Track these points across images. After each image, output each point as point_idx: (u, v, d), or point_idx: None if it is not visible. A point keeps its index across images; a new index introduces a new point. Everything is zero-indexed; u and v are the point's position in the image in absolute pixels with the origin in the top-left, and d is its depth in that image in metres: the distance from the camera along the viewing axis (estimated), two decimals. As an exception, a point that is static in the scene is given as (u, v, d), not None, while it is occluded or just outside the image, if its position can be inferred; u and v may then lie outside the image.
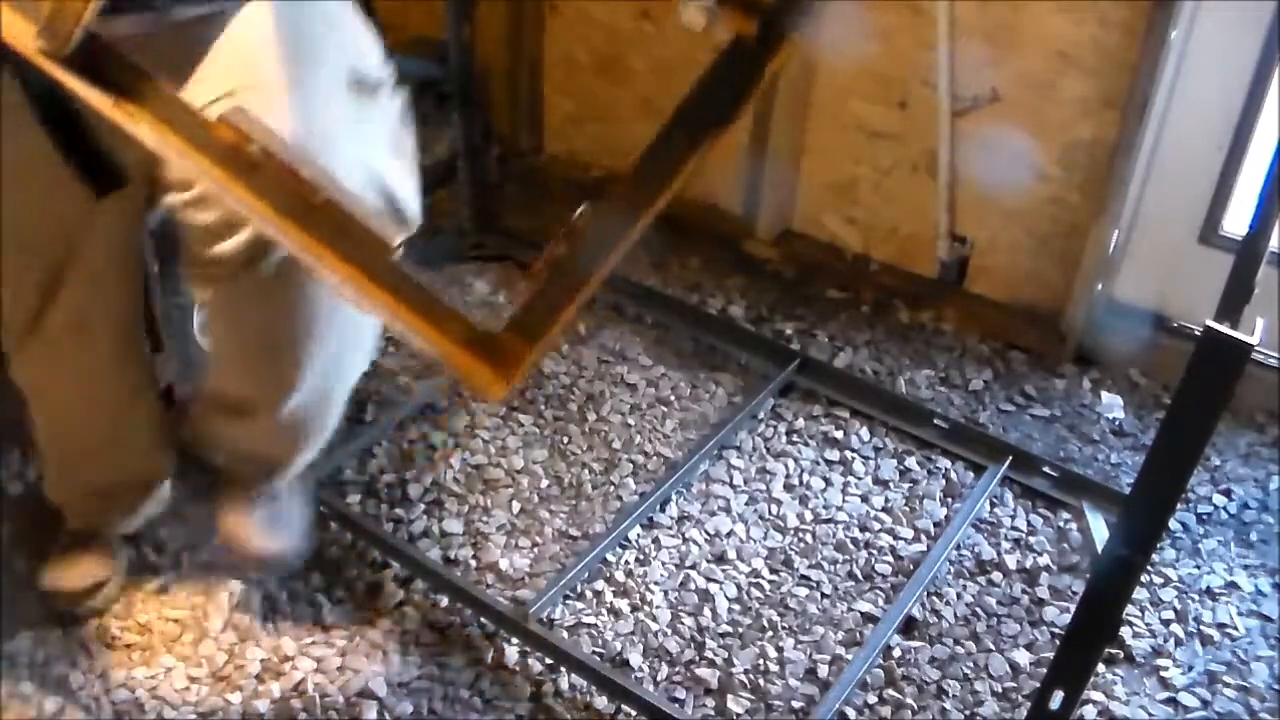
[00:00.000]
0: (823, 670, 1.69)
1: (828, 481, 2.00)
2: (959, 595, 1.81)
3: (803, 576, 1.83)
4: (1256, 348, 0.98)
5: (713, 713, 1.63)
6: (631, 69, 2.61)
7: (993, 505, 1.96)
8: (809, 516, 1.93)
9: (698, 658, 1.70)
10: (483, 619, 1.73)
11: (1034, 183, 2.16)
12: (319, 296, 1.42)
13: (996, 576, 1.84)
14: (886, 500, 1.97)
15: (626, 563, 1.84)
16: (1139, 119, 2.00)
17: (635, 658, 1.69)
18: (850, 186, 2.37)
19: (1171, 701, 1.67)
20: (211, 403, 1.63)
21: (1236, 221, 2.09)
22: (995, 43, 2.10)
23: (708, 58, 1.02)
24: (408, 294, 0.94)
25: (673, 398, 2.17)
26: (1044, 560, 1.87)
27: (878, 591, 1.82)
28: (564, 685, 1.65)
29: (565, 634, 1.72)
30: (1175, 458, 1.05)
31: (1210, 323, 0.96)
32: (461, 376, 0.96)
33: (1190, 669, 1.71)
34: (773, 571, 1.84)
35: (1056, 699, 1.22)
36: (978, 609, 1.79)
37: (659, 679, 1.67)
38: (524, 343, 0.94)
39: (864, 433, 2.10)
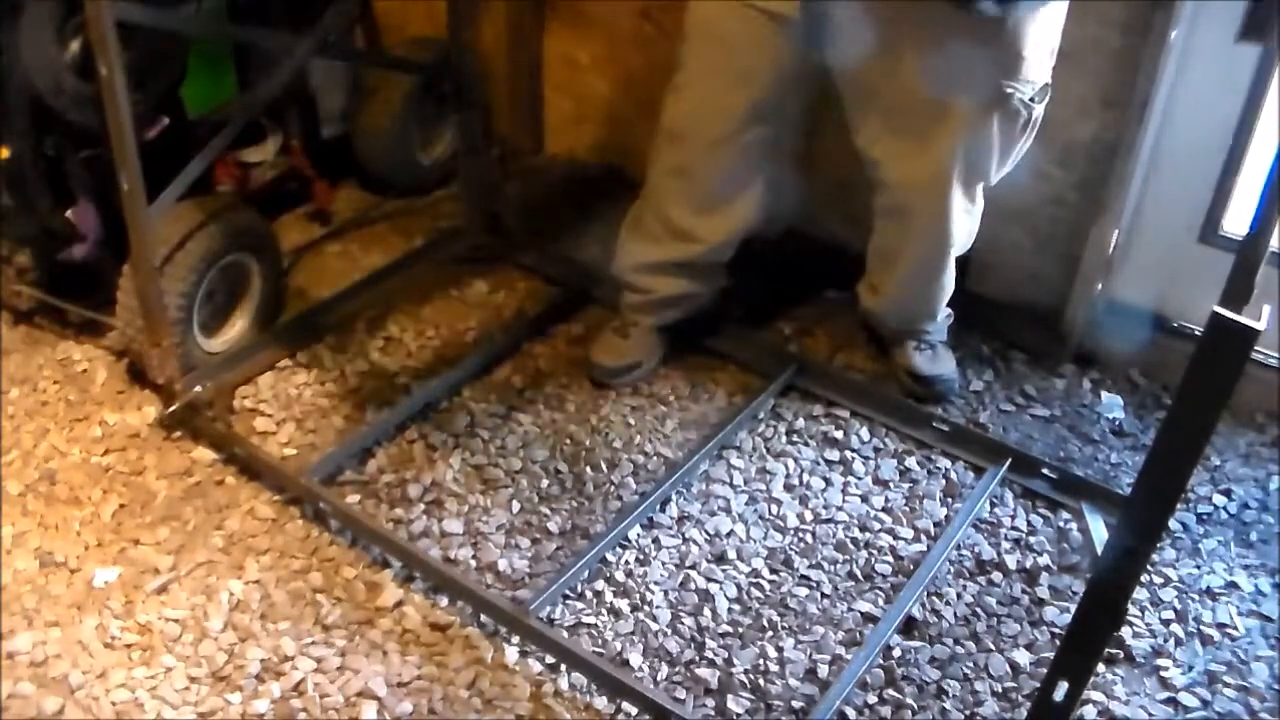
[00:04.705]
0: (823, 670, 1.69)
1: (828, 481, 2.00)
2: (959, 595, 1.81)
3: (803, 576, 1.83)
4: (1258, 348, 0.98)
5: (713, 713, 1.63)
6: (631, 69, 2.61)
7: (993, 505, 1.96)
8: (809, 516, 1.93)
9: (698, 658, 1.70)
10: (483, 618, 1.73)
11: (1034, 183, 2.16)
12: None
13: (996, 576, 1.84)
14: (886, 500, 1.97)
15: (626, 563, 1.84)
16: (1139, 119, 2.00)
17: (635, 657, 1.69)
18: (851, 186, 2.37)
19: (1171, 701, 1.67)
20: None
21: (1236, 221, 2.09)
22: (995, 43, 2.10)
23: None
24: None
25: (673, 398, 2.17)
26: (1044, 560, 1.87)
27: (878, 591, 1.81)
28: (564, 685, 1.65)
29: (565, 634, 1.72)
30: (1180, 446, 1.04)
31: (1217, 308, 0.96)
32: None
33: (1190, 669, 1.71)
34: (773, 571, 1.84)
35: (1061, 690, 1.22)
36: (978, 609, 1.79)
37: (659, 679, 1.67)
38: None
39: (864, 433, 2.10)
